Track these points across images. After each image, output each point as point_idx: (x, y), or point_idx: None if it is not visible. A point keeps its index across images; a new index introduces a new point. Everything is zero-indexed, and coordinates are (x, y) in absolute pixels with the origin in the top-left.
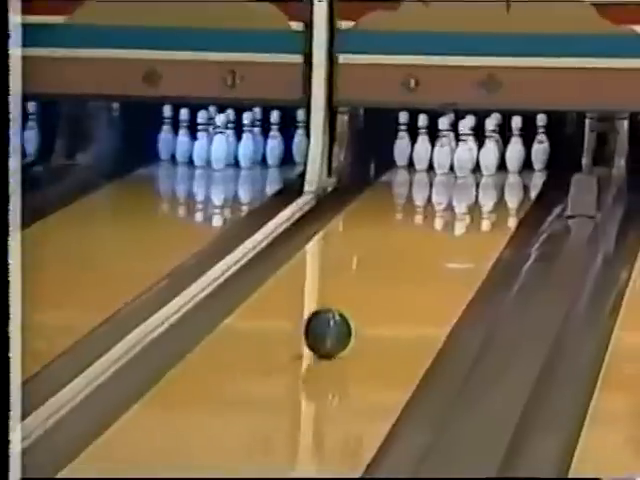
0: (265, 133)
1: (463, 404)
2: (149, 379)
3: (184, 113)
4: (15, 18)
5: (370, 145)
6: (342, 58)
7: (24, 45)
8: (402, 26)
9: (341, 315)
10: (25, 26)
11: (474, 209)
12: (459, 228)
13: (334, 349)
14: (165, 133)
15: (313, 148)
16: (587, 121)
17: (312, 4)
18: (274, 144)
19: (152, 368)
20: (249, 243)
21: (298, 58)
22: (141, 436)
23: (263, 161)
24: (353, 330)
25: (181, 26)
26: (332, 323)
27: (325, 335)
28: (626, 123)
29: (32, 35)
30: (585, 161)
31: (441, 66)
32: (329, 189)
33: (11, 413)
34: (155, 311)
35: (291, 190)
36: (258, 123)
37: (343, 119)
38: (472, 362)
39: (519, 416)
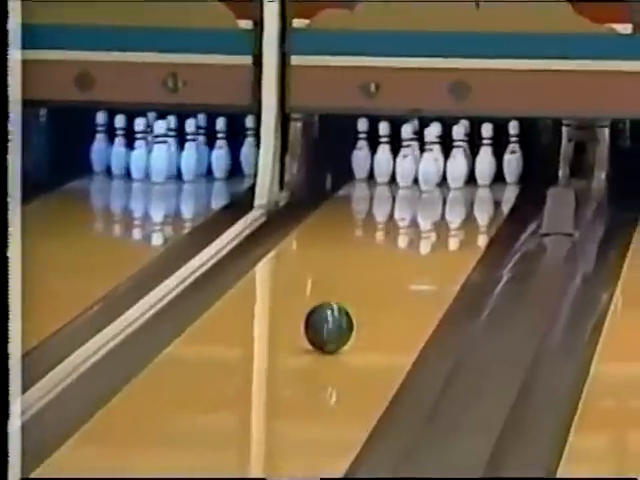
0: (210, 142)
1: (431, 437)
2: (84, 411)
3: (120, 120)
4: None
5: (326, 155)
6: (295, 60)
7: None
8: (361, 25)
9: (341, 309)
10: None
11: (441, 226)
12: (424, 247)
13: (334, 344)
14: (99, 142)
15: (263, 158)
16: (564, 129)
17: (262, 1)
18: (220, 154)
19: (87, 401)
20: (193, 264)
21: (247, 59)
22: (77, 473)
23: (208, 173)
24: (354, 324)
25: (116, 25)
26: (331, 317)
27: (325, 329)
28: (607, 131)
29: None
30: (562, 173)
31: (404, 69)
32: (281, 204)
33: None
34: (88, 338)
35: (239, 205)
36: (202, 131)
37: (296, 127)
38: (440, 393)
39: (491, 450)
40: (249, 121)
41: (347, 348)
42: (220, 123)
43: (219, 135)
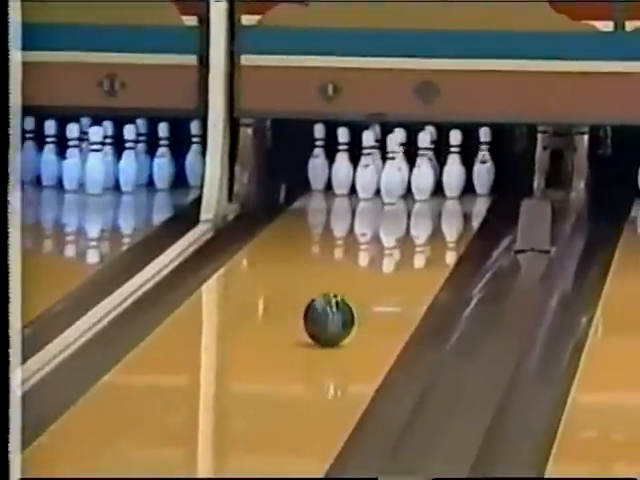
0: (151, 150)
1: (396, 467)
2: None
3: (50, 126)
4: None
5: (280, 164)
6: (245, 59)
7: None
8: (317, 21)
9: (342, 300)
10: None
11: (405, 242)
12: (388, 265)
13: (335, 337)
14: (27, 150)
15: (211, 168)
16: (539, 136)
17: None
18: (162, 163)
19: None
20: (133, 284)
21: (192, 59)
22: None
23: (149, 184)
24: (356, 316)
25: (48, 22)
26: (332, 309)
27: (325, 322)
28: (586, 138)
29: None
30: (537, 184)
31: (365, 69)
32: (230, 217)
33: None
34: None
35: (184, 219)
36: (143, 138)
37: (247, 133)
38: (404, 425)
39: None
40: (194, 127)
41: (304, 374)
42: (162, 129)
43: (161, 142)
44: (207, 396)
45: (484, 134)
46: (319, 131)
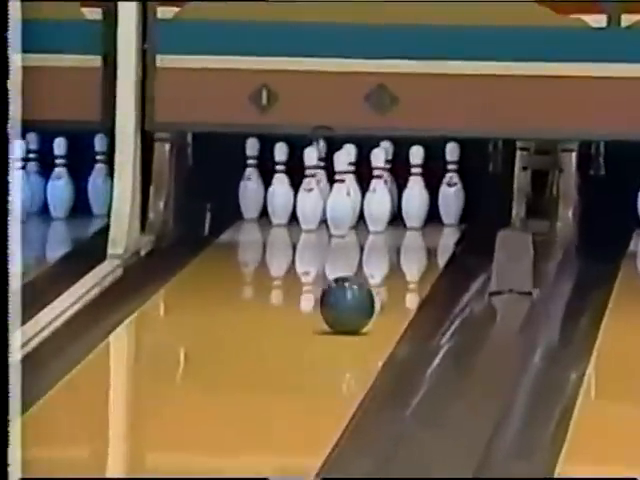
0: (46, 171)
1: None
2: None
3: None
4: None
5: (204, 188)
6: (161, 60)
7: None
8: (249, 14)
9: (361, 285)
10: None
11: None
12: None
13: (352, 324)
14: None
15: (119, 192)
16: (518, 154)
17: None
18: (59, 186)
19: None
20: (23, 333)
21: (95, 60)
22: None
23: (43, 211)
24: (376, 302)
25: None
26: (350, 295)
27: (343, 308)
28: (574, 157)
29: None
30: (516, 212)
31: (307, 72)
32: (144, 252)
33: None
34: None
35: (86, 254)
36: (34, 156)
37: (163, 150)
38: None
39: None
40: (99, 142)
41: (236, 448)
42: (58, 145)
43: (57, 161)
44: (112, 472)
45: (451, 151)
46: (251, 147)
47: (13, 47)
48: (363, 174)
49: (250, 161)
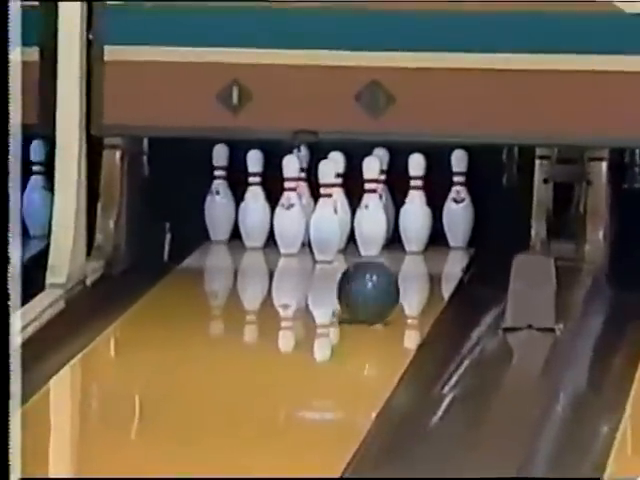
0: None
1: None
2: None
3: None
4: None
5: (163, 204)
6: (110, 53)
7: None
8: None
9: (383, 273)
10: None
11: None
12: (321, 350)
13: (371, 315)
14: None
15: (61, 209)
16: (538, 163)
17: None
18: None
19: None
20: None
21: (31, 53)
22: None
23: None
24: (399, 290)
25: None
26: (371, 284)
27: (361, 298)
28: (604, 167)
29: None
30: (535, 232)
31: (287, 67)
32: (91, 281)
33: None
34: None
35: (21, 284)
36: None
37: (113, 159)
38: None
39: None
40: (35, 150)
41: None
42: None
43: None
44: None
45: (458, 160)
46: (220, 156)
47: None
48: (353, 188)
49: (218, 172)
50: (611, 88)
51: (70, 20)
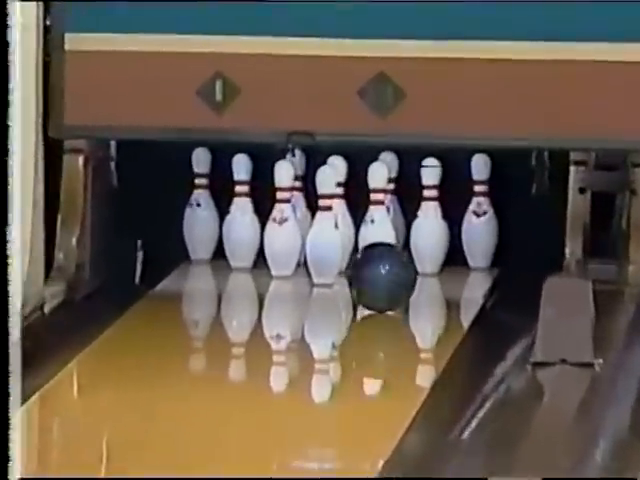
0: None
1: None
2: None
3: None
4: None
5: (134, 218)
6: (71, 41)
7: None
8: None
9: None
10: None
11: (349, 350)
12: (319, 389)
13: (384, 304)
14: None
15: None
16: (573, 170)
17: None
18: None
19: None
20: None
21: None
22: None
23: None
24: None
25: None
26: (384, 271)
27: (375, 287)
28: None
29: None
30: (570, 250)
31: (279, 58)
32: (49, 308)
33: None
34: None
35: None
36: None
37: (76, 165)
38: None
39: None
40: None
41: None
42: None
43: None
44: None
45: (479, 167)
46: (201, 162)
47: None
48: (357, 199)
49: (199, 180)
50: None
51: (24, 3)
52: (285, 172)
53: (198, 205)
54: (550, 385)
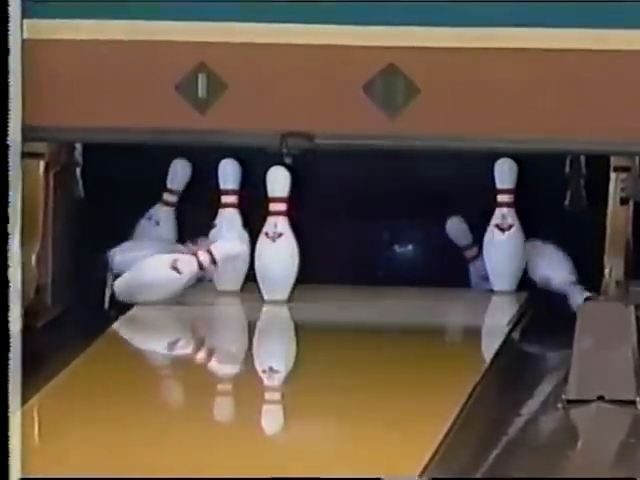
0: None
1: None
2: None
3: None
4: None
5: (103, 233)
6: (31, 28)
7: None
8: None
9: None
10: None
11: (355, 383)
12: (320, 431)
13: None
14: None
15: None
16: (614, 177)
17: None
18: None
19: None
20: None
21: None
22: None
23: None
24: None
25: None
26: None
27: None
28: None
29: None
30: (609, 269)
31: (272, 47)
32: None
33: None
34: None
35: None
36: None
37: (35, 171)
38: None
39: None
40: None
41: None
42: None
43: None
44: None
45: (503, 173)
46: (180, 168)
47: None
48: (361, 211)
49: (170, 194)
50: None
51: None
52: (279, 180)
53: (157, 224)
54: (586, 425)
